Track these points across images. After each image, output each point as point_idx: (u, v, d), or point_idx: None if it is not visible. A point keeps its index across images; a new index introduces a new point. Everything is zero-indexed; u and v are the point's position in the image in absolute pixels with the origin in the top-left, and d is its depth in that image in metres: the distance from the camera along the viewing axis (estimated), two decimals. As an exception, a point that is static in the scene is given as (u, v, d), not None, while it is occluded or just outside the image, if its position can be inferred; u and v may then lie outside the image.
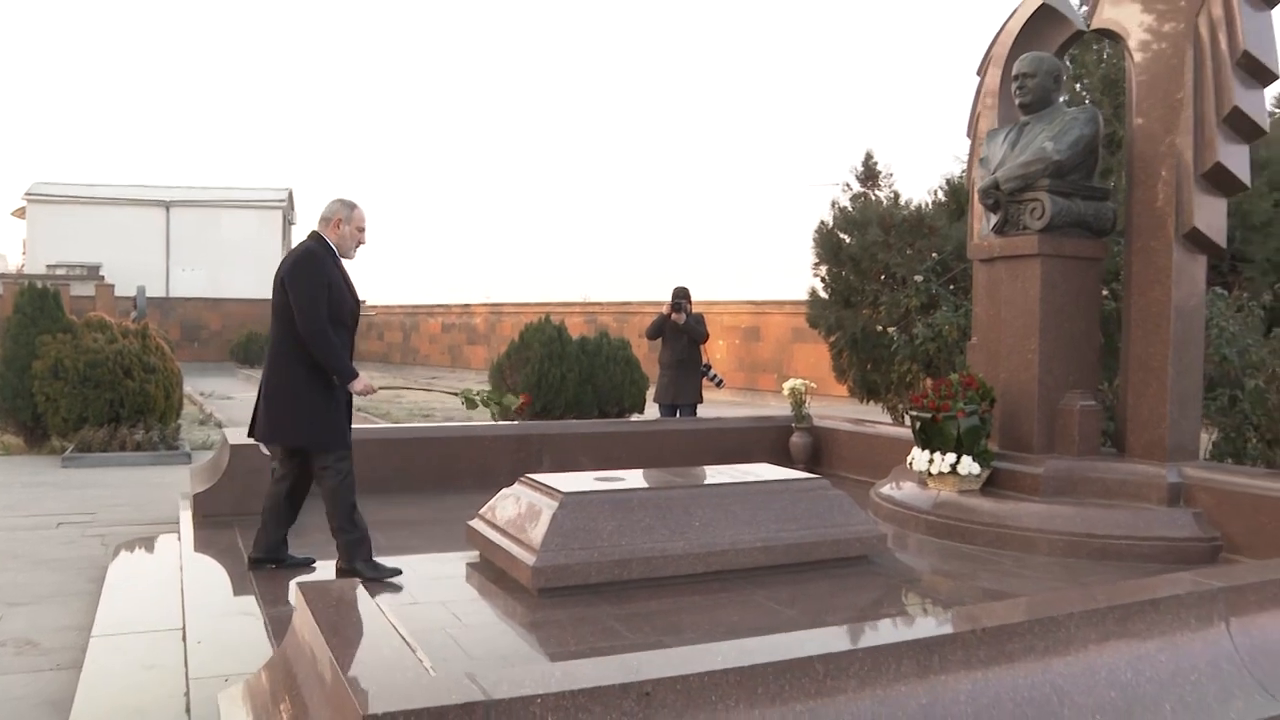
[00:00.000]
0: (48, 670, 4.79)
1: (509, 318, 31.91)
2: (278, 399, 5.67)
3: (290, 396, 5.62)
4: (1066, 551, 6.43)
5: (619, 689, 2.60)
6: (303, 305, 5.54)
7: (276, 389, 5.67)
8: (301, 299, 5.55)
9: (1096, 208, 7.27)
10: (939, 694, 3.07)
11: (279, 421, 5.68)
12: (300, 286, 5.57)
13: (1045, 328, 7.14)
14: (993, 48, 8.33)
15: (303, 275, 5.60)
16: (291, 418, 5.64)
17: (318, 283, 5.57)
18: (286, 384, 5.64)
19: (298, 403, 5.61)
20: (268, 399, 5.70)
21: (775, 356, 23.67)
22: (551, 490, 5.69)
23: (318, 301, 5.54)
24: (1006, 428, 7.36)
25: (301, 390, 5.60)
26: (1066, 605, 3.52)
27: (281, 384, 5.66)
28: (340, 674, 2.64)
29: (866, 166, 13.05)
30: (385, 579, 5.62)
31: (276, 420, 5.68)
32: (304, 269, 5.62)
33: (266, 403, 5.71)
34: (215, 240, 49.47)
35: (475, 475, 8.66)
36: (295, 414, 5.62)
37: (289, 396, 5.63)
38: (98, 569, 6.59)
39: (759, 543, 5.74)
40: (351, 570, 5.59)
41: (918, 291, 11.03)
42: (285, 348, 5.64)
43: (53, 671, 4.76)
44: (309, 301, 5.54)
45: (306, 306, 5.54)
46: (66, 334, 12.78)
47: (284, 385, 5.65)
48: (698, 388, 11.25)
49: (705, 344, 11.33)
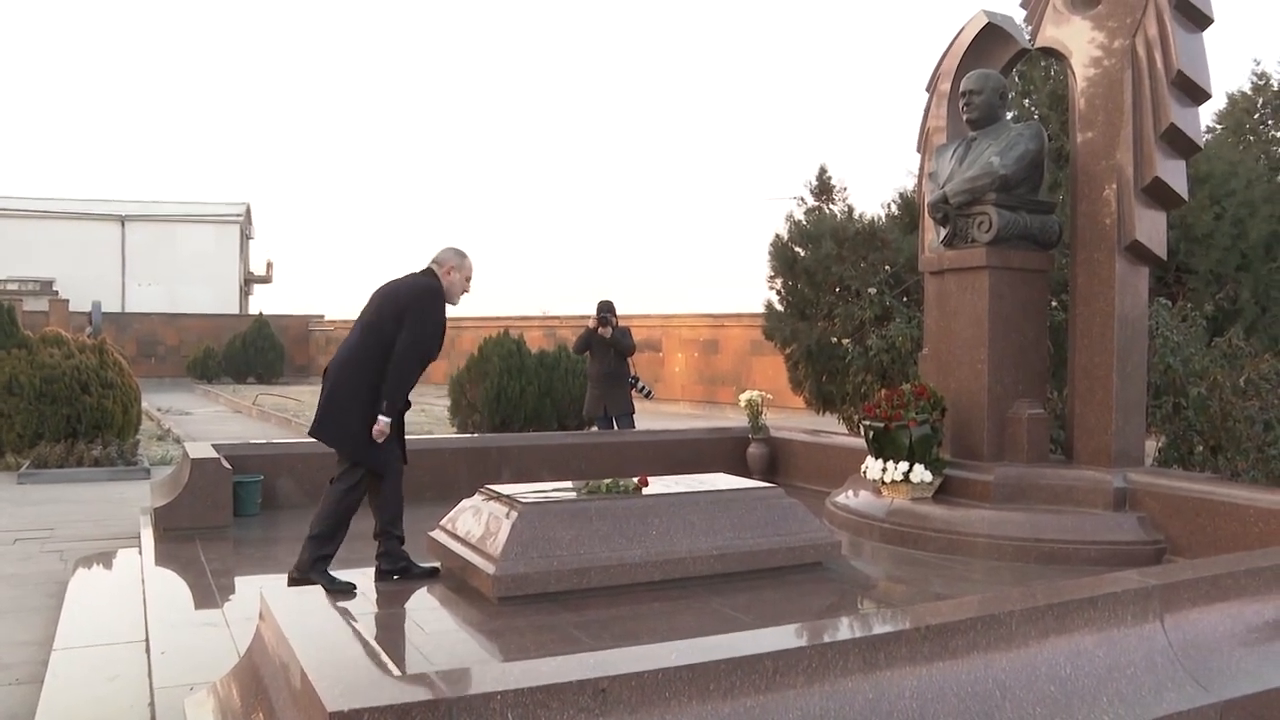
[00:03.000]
0: (8, 684, 4.81)
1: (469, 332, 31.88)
2: (338, 402, 5.84)
3: (352, 404, 5.78)
4: (1016, 556, 6.59)
5: (576, 685, 2.70)
6: (418, 335, 5.77)
7: (341, 394, 5.84)
8: (421, 328, 5.78)
9: (1042, 221, 7.47)
10: (885, 689, 3.19)
11: (334, 422, 5.86)
12: (426, 316, 5.82)
13: (994, 338, 7.32)
14: (941, 65, 8.53)
15: (431, 309, 5.86)
16: (346, 424, 5.80)
17: (439, 320, 5.89)
18: (351, 393, 5.81)
19: (356, 413, 5.75)
20: (330, 399, 5.88)
21: (734, 369, 23.84)
22: (511, 500, 5.78)
23: (432, 337, 5.85)
24: (957, 436, 7.52)
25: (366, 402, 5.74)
26: (1008, 604, 3.65)
27: (348, 392, 5.82)
28: (307, 675, 2.71)
29: (820, 180, 13.23)
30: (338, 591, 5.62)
31: (331, 420, 5.86)
32: (434, 303, 5.89)
33: (328, 402, 5.89)
34: (171, 255, 49.08)
35: (435, 487, 8.70)
36: (351, 422, 5.78)
37: (351, 404, 5.79)
38: (57, 584, 6.59)
39: (715, 551, 5.85)
40: (305, 579, 5.64)
41: (871, 304, 11.21)
42: (364, 359, 5.81)
43: (12, 685, 4.78)
44: (424, 334, 5.80)
45: (420, 337, 5.79)
46: (22, 349, 12.72)
47: (349, 393, 5.82)
48: (627, 399, 11.42)
49: (632, 356, 11.50)
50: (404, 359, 5.75)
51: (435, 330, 5.87)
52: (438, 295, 5.91)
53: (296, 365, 39.99)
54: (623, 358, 11.35)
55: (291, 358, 39.45)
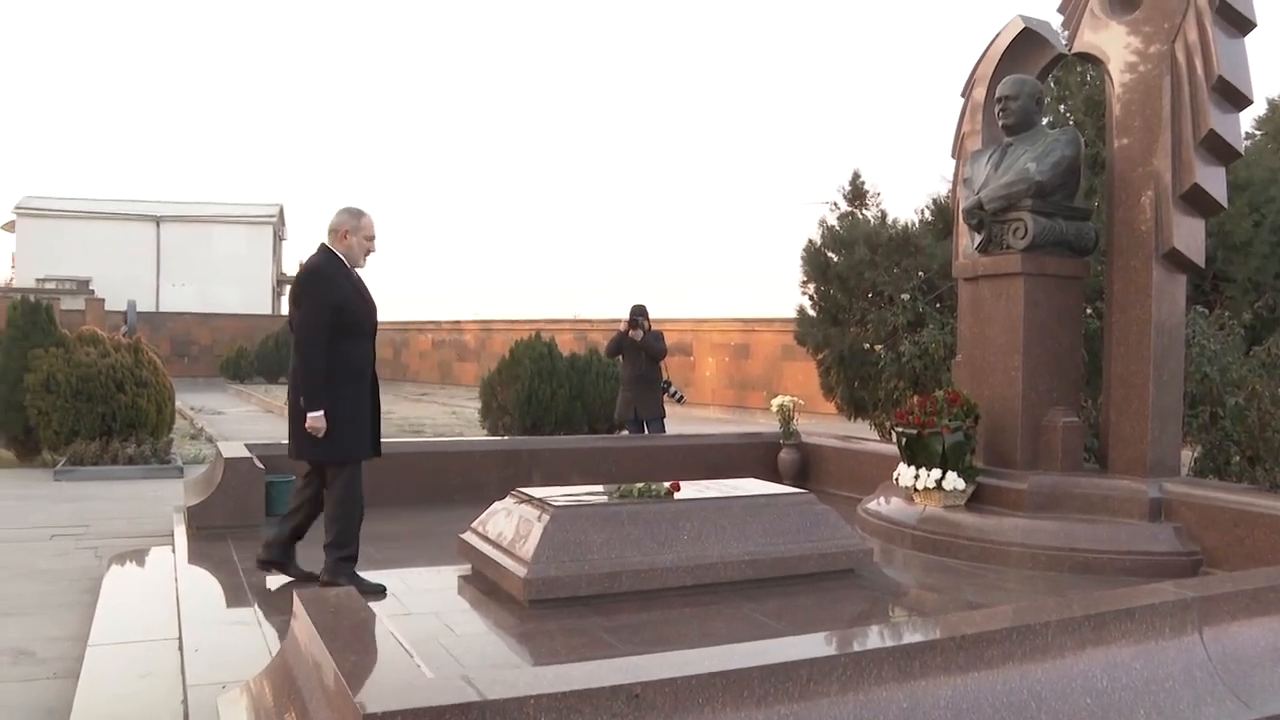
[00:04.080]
0: (44, 679, 4.85)
1: (499, 334, 32.01)
2: (291, 411, 5.82)
3: (296, 409, 5.71)
4: (1049, 565, 6.53)
5: (609, 691, 2.69)
6: (305, 318, 5.64)
7: (294, 404, 5.77)
8: (308, 312, 5.65)
9: (1078, 227, 7.41)
10: (919, 699, 3.16)
11: (290, 433, 5.80)
12: (310, 297, 5.67)
13: (1028, 345, 7.26)
14: (976, 70, 8.48)
15: (313, 288, 5.70)
16: (297, 430, 5.72)
17: (323, 297, 5.63)
18: (294, 397, 5.76)
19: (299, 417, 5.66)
20: (292, 416, 5.81)
21: (765, 374, 23.80)
22: (543, 503, 5.78)
23: (316, 320, 5.61)
24: (991, 444, 7.47)
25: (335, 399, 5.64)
26: (1044, 614, 3.62)
27: (292, 396, 5.80)
28: (340, 677, 2.72)
29: (854, 186, 13.16)
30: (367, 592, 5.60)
31: (295, 435, 5.76)
32: (308, 287, 5.72)
33: (291, 418, 5.83)
34: (206, 255, 49.49)
35: (466, 489, 8.73)
36: (299, 425, 5.68)
37: (295, 409, 5.73)
38: (91, 580, 6.65)
39: (746, 556, 5.83)
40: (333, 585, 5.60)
41: (904, 310, 11.15)
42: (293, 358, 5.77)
43: (49, 680, 4.83)
44: (306, 317, 5.64)
45: (303, 323, 5.64)
46: (59, 348, 12.84)
47: (293, 398, 5.79)
48: (658, 402, 11.42)
49: (663, 360, 11.49)
50: (300, 346, 5.63)
51: (317, 316, 5.60)
52: (318, 272, 5.74)
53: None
54: (654, 361, 11.35)
55: (323, 358, 39.60)
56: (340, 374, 5.65)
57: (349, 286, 5.76)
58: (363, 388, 5.79)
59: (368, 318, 5.81)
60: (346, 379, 5.68)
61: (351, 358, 5.71)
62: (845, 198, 13.13)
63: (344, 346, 5.67)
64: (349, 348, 5.70)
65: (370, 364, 5.86)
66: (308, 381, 5.60)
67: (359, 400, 5.75)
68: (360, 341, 5.77)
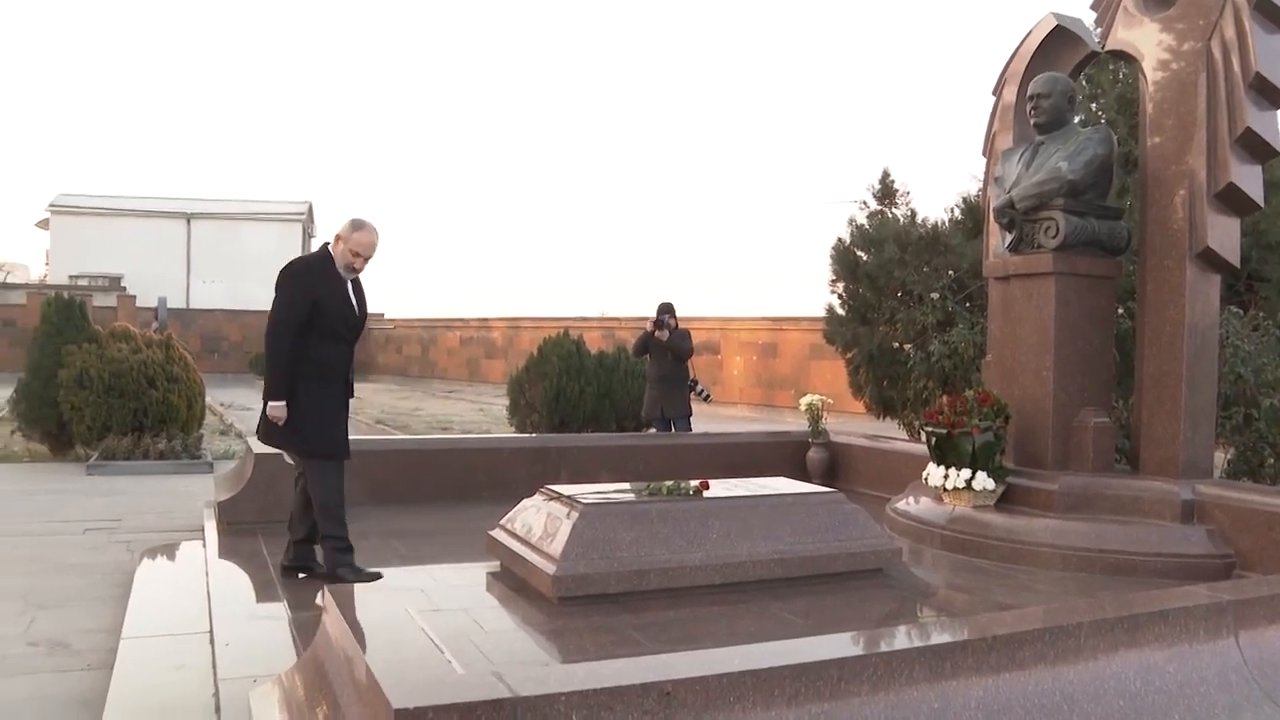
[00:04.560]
0: (79, 670, 4.90)
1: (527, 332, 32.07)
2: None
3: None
4: (1080, 567, 6.49)
5: (640, 688, 2.69)
6: (272, 311, 5.85)
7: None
8: (274, 306, 5.85)
9: (1110, 227, 7.35)
10: (950, 699, 3.15)
11: (263, 420, 5.91)
12: (277, 294, 5.86)
13: (1059, 345, 7.22)
14: (1008, 68, 8.42)
15: (281, 285, 5.88)
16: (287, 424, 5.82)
17: (293, 298, 5.79)
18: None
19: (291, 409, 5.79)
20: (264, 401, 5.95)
21: (793, 373, 23.75)
22: (572, 501, 5.78)
23: (283, 315, 5.78)
24: (1021, 444, 7.43)
25: (297, 397, 5.79)
26: (1076, 615, 3.60)
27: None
28: (372, 672, 2.73)
29: (883, 184, 13.11)
30: (368, 581, 5.76)
31: (262, 419, 5.90)
32: (284, 280, 5.90)
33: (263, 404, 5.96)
34: (235, 253, 49.82)
35: (494, 486, 8.76)
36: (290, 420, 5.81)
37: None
38: (124, 574, 6.71)
39: (775, 555, 5.82)
40: (334, 576, 5.75)
41: (934, 309, 11.10)
42: None
43: (84, 671, 4.88)
44: (275, 311, 5.83)
45: (273, 314, 5.84)
46: (92, 344, 12.96)
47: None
48: (685, 401, 11.40)
49: (690, 359, 11.48)
50: (267, 335, 5.84)
51: (286, 311, 5.77)
52: (294, 271, 5.92)
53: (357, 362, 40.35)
54: (680, 360, 11.34)
55: (352, 355, 39.84)
56: (308, 370, 5.80)
57: (329, 287, 5.88)
58: (330, 388, 5.91)
59: (343, 321, 5.92)
60: (313, 376, 5.82)
61: (321, 356, 5.84)
62: (875, 196, 13.08)
63: (315, 344, 5.81)
64: (320, 346, 5.83)
65: (344, 367, 5.99)
66: (269, 371, 5.83)
67: (323, 397, 5.86)
68: (332, 343, 5.89)
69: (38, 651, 5.19)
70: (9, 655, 5.12)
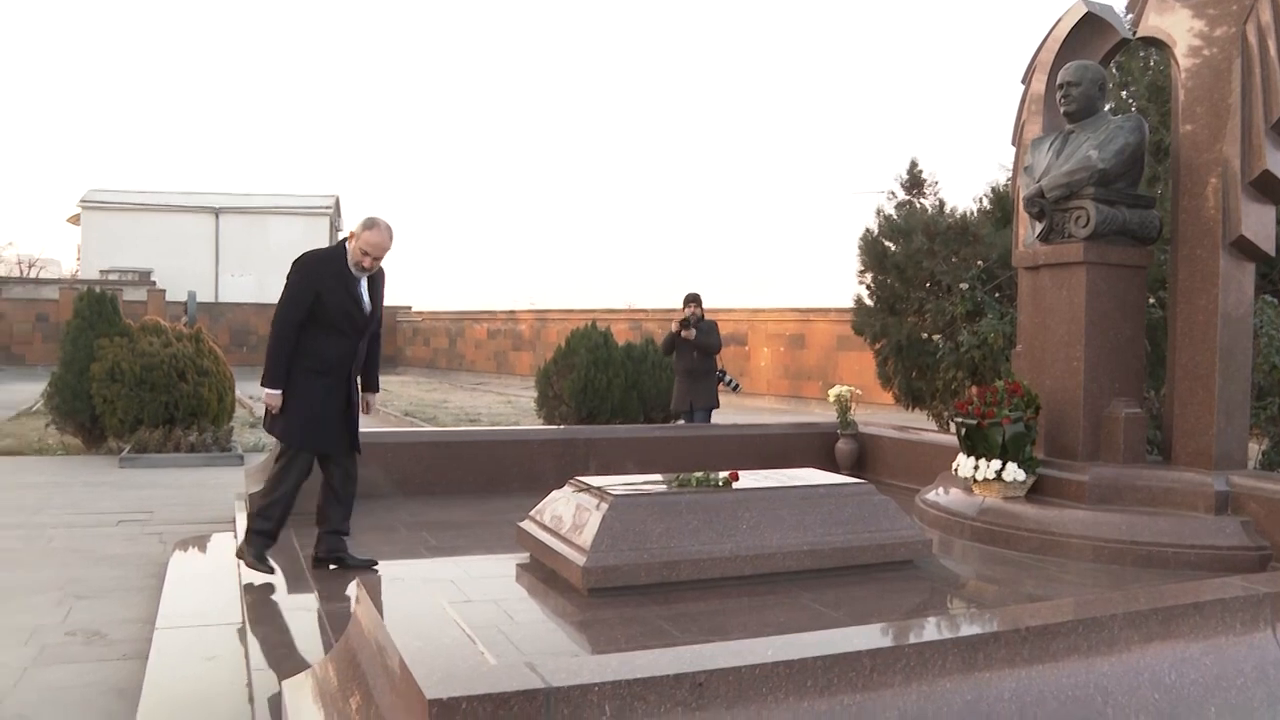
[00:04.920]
0: (115, 660, 4.95)
1: (554, 324, 32.08)
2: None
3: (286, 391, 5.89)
4: (1111, 558, 6.44)
5: (673, 679, 2.69)
6: (278, 303, 5.88)
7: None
8: (280, 295, 5.89)
9: (1142, 215, 7.29)
10: (983, 690, 3.14)
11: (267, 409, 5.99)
12: (285, 284, 5.89)
13: (1090, 335, 7.16)
14: (1038, 56, 8.35)
15: (290, 275, 5.91)
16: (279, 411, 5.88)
17: (296, 290, 5.82)
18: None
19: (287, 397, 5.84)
20: None
21: (820, 363, 23.67)
22: (601, 492, 5.79)
23: (287, 304, 5.82)
24: (1051, 435, 7.38)
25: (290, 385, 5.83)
26: (1109, 607, 3.57)
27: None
28: (405, 662, 2.74)
29: (911, 174, 13.05)
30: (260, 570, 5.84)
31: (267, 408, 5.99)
32: (293, 271, 5.92)
33: None
34: (263, 246, 50.03)
35: (522, 478, 8.78)
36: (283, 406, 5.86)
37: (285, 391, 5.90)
38: (157, 565, 6.77)
39: (805, 546, 5.81)
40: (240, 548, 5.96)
41: (963, 299, 11.05)
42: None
43: (120, 661, 4.93)
44: (281, 300, 5.85)
45: (279, 304, 5.87)
46: (123, 338, 13.06)
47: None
48: (713, 392, 11.40)
49: (718, 354, 11.46)
50: (273, 323, 5.90)
51: (288, 303, 5.81)
52: (303, 263, 5.93)
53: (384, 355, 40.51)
54: (707, 354, 11.34)
55: (379, 348, 40.02)
56: (305, 362, 5.82)
57: (336, 281, 5.86)
58: (322, 380, 5.88)
59: (346, 316, 5.88)
60: (309, 369, 5.83)
61: (319, 349, 5.85)
62: (903, 186, 13.03)
63: (316, 336, 5.83)
64: (320, 339, 5.84)
65: (345, 362, 5.95)
66: (267, 358, 5.84)
67: (312, 389, 5.85)
68: (333, 337, 5.87)
69: (75, 641, 5.25)
70: (48, 644, 5.19)
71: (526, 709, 2.54)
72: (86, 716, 4.37)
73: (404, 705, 2.72)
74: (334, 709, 3.28)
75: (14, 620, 5.62)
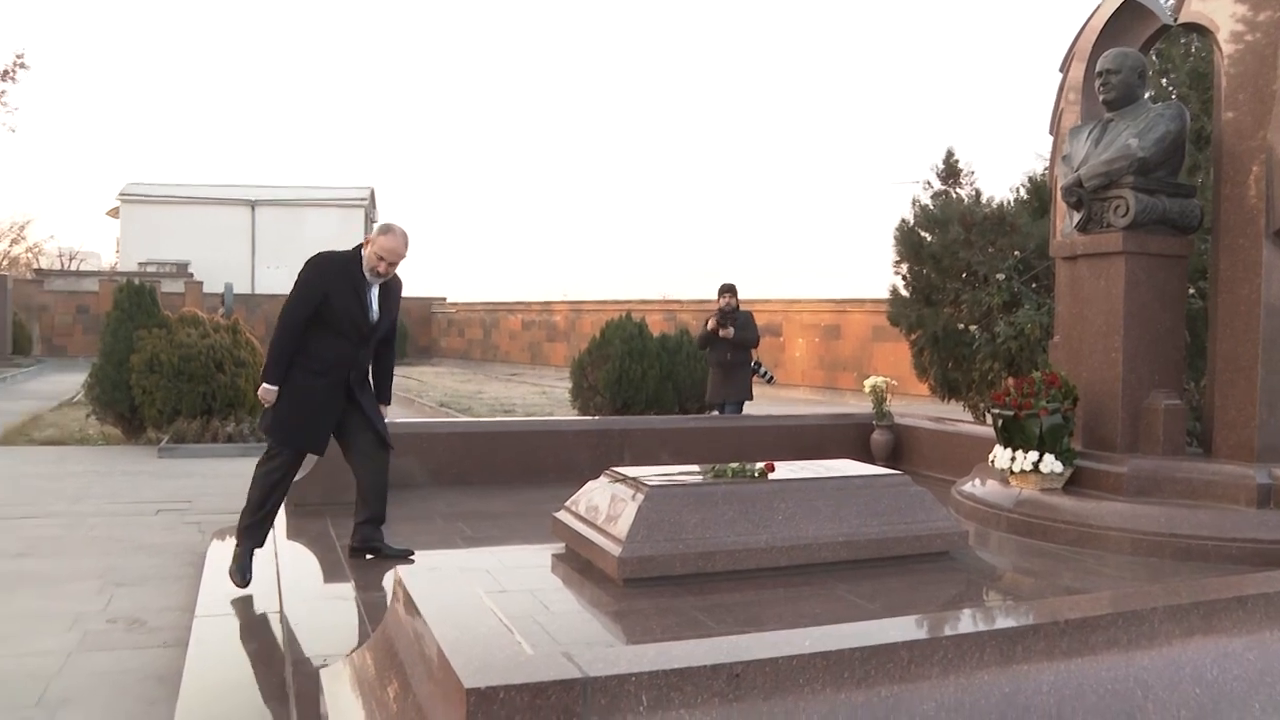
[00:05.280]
0: (155, 647, 5.02)
1: (589, 315, 32.13)
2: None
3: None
4: (1150, 551, 6.38)
5: (710, 670, 2.69)
6: (288, 298, 5.83)
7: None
8: (290, 294, 5.83)
9: (1182, 204, 7.21)
10: (1021, 683, 3.11)
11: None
12: (295, 284, 5.84)
13: (1129, 326, 7.09)
14: (1076, 43, 8.26)
15: (300, 275, 5.85)
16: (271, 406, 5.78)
17: (305, 290, 5.75)
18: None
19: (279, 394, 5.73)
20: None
21: (856, 354, 23.59)
22: (637, 483, 5.78)
23: (295, 302, 5.75)
24: (1089, 426, 7.32)
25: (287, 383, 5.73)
26: (1150, 600, 3.53)
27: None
28: (444, 651, 2.75)
29: (947, 164, 12.95)
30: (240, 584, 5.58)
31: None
32: (305, 270, 5.86)
33: None
34: (299, 238, 50.29)
35: (557, 469, 8.80)
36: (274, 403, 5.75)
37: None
38: (196, 554, 6.84)
39: (841, 537, 5.79)
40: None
41: (999, 290, 10.97)
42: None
43: (160, 648, 4.99)
44: (290, 298, 5.80)
45: (287, 301, 5.82)
46: (162, 329, 13.20)
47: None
48: (744, 385, 11.40)
49: (755, 347, 11.44)
50: (278, 320, 5.81)
51: (296, 301, 5.74)
52: (314, 263, 5.87)
53: (419, 346, 40.83)
54: (741, 347, 11.31)
55: (414, 339, 40.30)
56: (304, 362, 5.72)
57: (345, 284, 5.79)
58: (319, 382, 5.76)
59: (350, 321, 5.79)
60: (305, 368, 5.72)
61: (318, 351, 5.74)
62: (939, 176, 12.93)
63: (317, 338, 5.74)
64: (321, 341, 5.74)
65: (343, 365, 5.82)
66: (269, 354, 5.76)
67: (308, 390, 5.73)
68: (334, 339, 5.77)
69: (116, 628, 5.32)
70: (90, 631, 5.26)
71: (564, 699, 2.54)
72: (128, 702, 4.43)
73: (442, 694, 2.74)
74: (371, 697, 3.30)
75: (57, 607, 5.71)
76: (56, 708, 4.35)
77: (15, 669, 4.77)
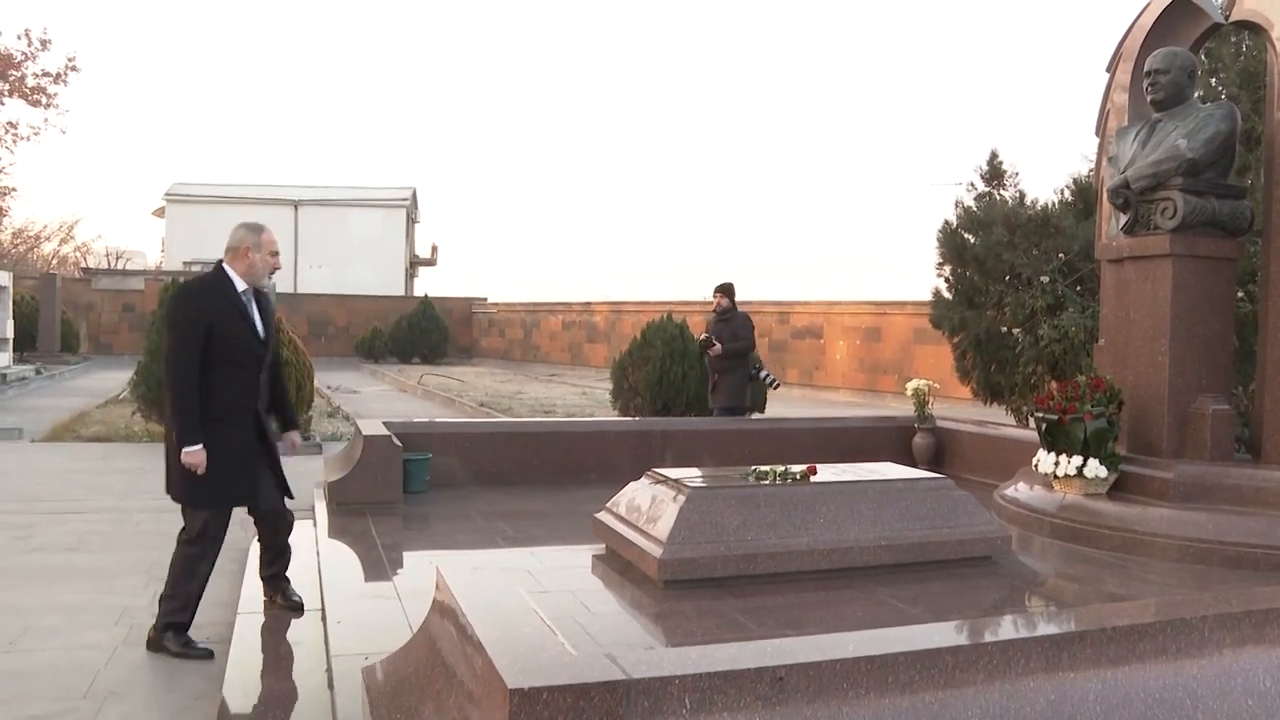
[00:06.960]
0: (199, 642, 5.04)
1: (629, 316, 32.13)
2: (170, 449, 5.04)
3: (172, 446, 5.01)
4: (1197, 558, 6.29)
5: (754, 673, 2.68)
6: (167, 348, 5.08)
7: (167, 438, 5.13)
8: (167, 342, 5.10)
9: (1232, 206, 7.11)
10: (1068, 691, 3.08)
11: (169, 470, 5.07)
12: (171, 323, 5.09)
13: (1176, 330, 7.00)
14: (1124, 43, 8.16)
15: (171, 316, 5.11)
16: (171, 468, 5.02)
17: (186, 328, 4.95)
18: (170, 432, 5.07)
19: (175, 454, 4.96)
20: (167, 450, 5.11)
21: (896, 357, 23.44)
22: (678, 484, 5.78)
23: (179, 346, 4.95)
24: (1134, 431, 7.23)
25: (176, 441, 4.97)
26: (1199, 608, 3.49)
27: (168, 431, 5.11)
28: (487, 652, 2.76)
29: (991, 165, 12.85)
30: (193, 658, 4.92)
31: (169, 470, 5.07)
32: (173, 309, 5.11)
33: (166, 452, 5.13)
34: (341, 238, 50.68)
35: (598, 469, 8.81)
36: (170, 464, 5.02)
37: (170, 445, 5.03)
38: (238, 551, 6.88)
39: (883, 540, 5.76)
40: (159, 641, 5.02)
41: (1043, 292, 10.87)
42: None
43: (203, 644, 5.01)
44: (170, 345, 5.04)
45: (168, 351, 5.05)
46: (206, 328, 13.29)
47: (169, 434, 5.10)
48: (734, 391, 11.21)
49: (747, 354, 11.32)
50: (166, 374, 5.04)
51: (187, 335, 4.91)
52: (183, 294, 5.14)
53: (460, 346, 41.01)
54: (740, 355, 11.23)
55: (455, 339, 40.48)
56: (209, 410, 4.93)
57: (227, 307, 5.04)
58: (225, 430, 4.98)
59: (245, 344, 5.07)
60: (214, 417, 4.95)
61: (221, 390, 4.99)
62: (982, 178, 12.84)
63: (215, 375, 4.96)
64: (221, 377, 4.98)
65: (246, 401, 5.11)
66: (180, 413, 4.91)
67: (226, 439, 4.98)
68: (231, 372, 5.02)
69: (161, 625, 5.36)
70: (136, 625, 5.33)
71: (607, 700, 2.54)
72: (173, 695, 4.48)
73: (485, 694, 2.74)
74: (413, 696, 3.32)
75: (105, 600, 5.78)
76: (103, 700, 4.41)
77: (64, 661, 4.84)
